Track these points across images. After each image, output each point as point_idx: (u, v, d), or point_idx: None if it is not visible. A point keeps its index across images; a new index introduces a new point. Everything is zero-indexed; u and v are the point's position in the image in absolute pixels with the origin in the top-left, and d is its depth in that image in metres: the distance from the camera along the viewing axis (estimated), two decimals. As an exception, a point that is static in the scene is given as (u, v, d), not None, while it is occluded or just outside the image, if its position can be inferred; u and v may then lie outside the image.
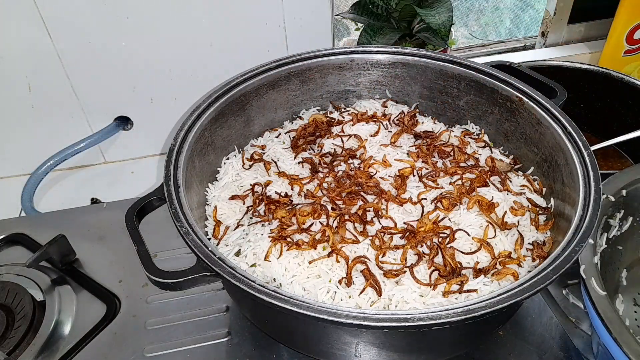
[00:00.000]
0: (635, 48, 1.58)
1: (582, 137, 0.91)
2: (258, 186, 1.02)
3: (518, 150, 1.08)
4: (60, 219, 1.27)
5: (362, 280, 0.84)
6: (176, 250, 1.14)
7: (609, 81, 1.35)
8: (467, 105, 1.14)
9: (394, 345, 0.81)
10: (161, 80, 1.42)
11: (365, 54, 1.16)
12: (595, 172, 0.85)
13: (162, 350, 0.98)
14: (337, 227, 0.91)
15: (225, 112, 1.06)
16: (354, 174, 1.01)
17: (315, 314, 0.68)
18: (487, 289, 0.82)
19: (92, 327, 1.02)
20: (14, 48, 1.28)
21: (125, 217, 0.87)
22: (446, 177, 1.01)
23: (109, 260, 1.15)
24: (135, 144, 1.53)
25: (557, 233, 0.92)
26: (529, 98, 1.01)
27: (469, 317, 0.67)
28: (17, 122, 1.41)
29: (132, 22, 1.30)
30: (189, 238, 0.79)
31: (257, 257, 0.88)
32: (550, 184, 0.99)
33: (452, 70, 1.11)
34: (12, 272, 1.11)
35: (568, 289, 1.04)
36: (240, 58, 1.42)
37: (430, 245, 0.89)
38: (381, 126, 1.14)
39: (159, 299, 1.07)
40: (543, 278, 0.71)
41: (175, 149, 0.93)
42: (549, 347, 0.95)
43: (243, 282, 0.72)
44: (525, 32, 1.89)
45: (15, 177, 1.50)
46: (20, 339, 0.98)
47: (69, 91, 1.38)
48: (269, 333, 0.94)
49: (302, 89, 1.18)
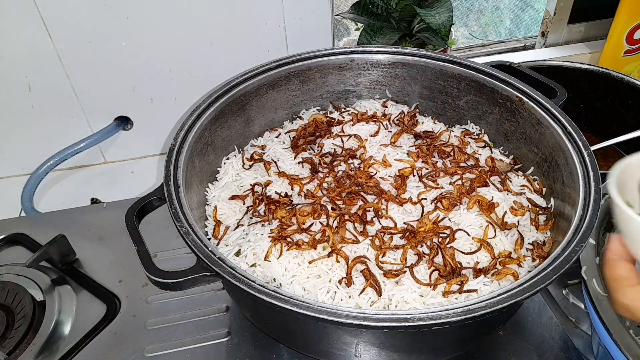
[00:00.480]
0: (635, 48, 1.58)
1: (582, 137, 0.91)
2: (258, 186, 1.02)
3: (518, 150, 1.08)
4: (60, 219, 1.27)
5: (362, 280, 0.84)
6: (176, 250, 1.14)
7: (609, 81, 1.35)
8: (467, 105, 1.14)
9: (394, 345, 0.81)
10: (161, 80, 1.42)
11: (365, 54, 1.16)
12: (595, 172, 0.85)
13: (162, 350, 0.98)
14: (337, 227, 0.91)
15: (225, 112, 1.06)
16: (354, 174, 1.01)
17: (315, 314, 0.68)
18: (487, 289, 0.82)
19: (92, 327, 1.02)
20: (14, 48, 1.28)
21: (125, 217, 0.87)
22: (446, 177, 1.01)
23: (109, 260, 1.15)
24: (135, 144, 1.53)
25: (557, 233, 0.92)
26: (529, 98, 1.01)
27: (469, 317, 0.67)
28: (17, 122, 1.40)
29: (132, 22, 1.30)
30: (189, 238, 0.79)
31: (257, 257, 0.88)
32: (550, 184, 0.99)
33: (452, 70, 1.11)
34: (12, 272, 1.11)
35: (568, 289, 1.04)
36: (240, 58, 1.41)
37: (430, 245, 0.89)
38: (381, 126, 1.14)
39: (159, 299, 1.07)
40: (543, 278, 0.71)
41: (175, 149, 0.93)
42: (549, 347, 0.95)
43: (243, 282, 0.72)
44: (525, 32, 1.89)
45: (15, 177, 1.50)
46: (20, 339, 0.98)
47: (69, 91, 1.38)
48: (269, 333, 0.94)
49: (302, 89, 1.18)
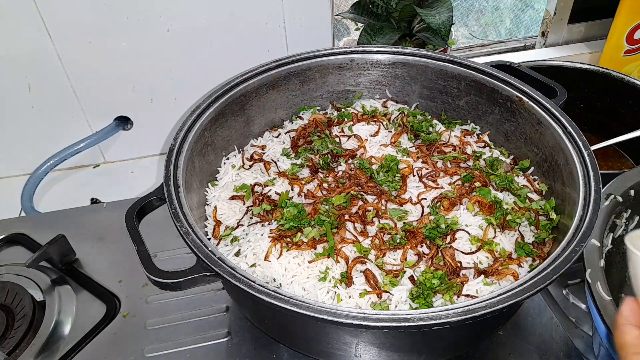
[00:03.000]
0: (635, 48, 1.58)
1: (582, 137, 0.91)
2: (258, 186, 1.02)
3: (518, 150, 1.08)
4: (60, 219, 1.27)
5: (362, 280, 0.83)
6: (176, 250, 1.14)
7: (609, 81, 1.35)
8: (467, 105, 1.14)
9: (394, 345, 0.80)
10: (161, 80, 1.42)
11: (365, 54, 1.16)
12: (595, 172, 0.85)
13: (162, 350, 0.98)
14: (337, 227, 0.91)
15: (225, 112, 1.06)
16: (354, 174, 1.01)
17: (315, 314, 0.68)
18: (487, 289, 0.82)
19: (92, 327, 1.02)
20: (14, 48, 1.28)
21: (125, 217, 0.87)
22: (446, 177, 1.01)
23: (109, 260, 1.15)
24: (135, 144, 1.54)
25: (557, 233, 0.92)
26: (529, 98, 1.01)
27: (469, 317, 0.67)
28: (17, 122, 1.41)
29: (132, 22, 1.30)
30: (189, 238, 0.79)
31: (257, 257, 0.88)
32: (550, 184, 0.99)
33: (452, 70, 1.11)
34: (12, 272, 1.11)
35: (568, 289, 1.04)
36: (240, 58, 1.41)
37: (430, 245, 0.88)
38: (381, 126, 1.14)
39: (159, 299, 1.07)
40: (543, 278, 0.71)
41: (175, 149, 0.93)
42: (549, 347, 0.95)
43: (243, 282, 0.72)
44: (525, 32, 1.89)
45: (15, 177, 1.50)
46: (20, 339, 0.98)
47: (69, 91, 1.38)
48: (269, 333, 0.94)
49: (302, 89, 1.18)
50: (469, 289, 0.82)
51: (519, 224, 0.93)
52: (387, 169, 1.01)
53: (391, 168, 1.01)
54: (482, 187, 0.98)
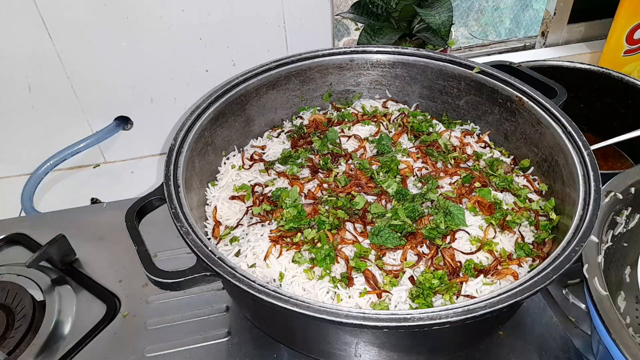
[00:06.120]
0: (635, 48, 1.58)
1: (582, 137, 0.91)
2: (258, 186, 1.02)
3: (518, 150, 1.08)
4: (60, 219, 1.27)
5: (362, 281, 0.84)
6: (176, 250, 1.14)
7: (609, 81, 1.35)
8: (467, 105, 1.14)
9: (394, 345, 0.81)
10: (161, 80, 1.42)
11: (365, 54, 1.16)
12: (595, 172, 0.85)
13: (162, 350, 0.98)
14: (337, 228, 0.91)
15: (225, 112, 1.06)
16: (354, 174, 1.01)
17: (315, 314, 0.68)
18: (487, 289, 0.82)
19: (92, 327, 1.02)
20: (14, 48, 1.28)
21: (125, 217, 0.87)
22: (446, 177, 1.01)
23: (109, 260, 1.15)
24: (135, 144, 1.54)
25: (557, 233, 0.92)
26: (529, 98, 1.01)
27: (469, 317, 0.67)
28: (17, 122, 1.40)
29: (132, 22, 1.30)
30: (189, 238, 0.79)
31: (256, 257, 0.88)
32: (550, 184, 0.99)
33: (452, 70, 1.11)
34: (12, 272, 1.11)
35: (568, 289, 1.04)
36: (240, 58, 1.42)
37: (429, 245, 0.88)
38: (381, 126, 1.14)
39: (159, 299, 1.07)
40: (543, 278, 0.71)
41: (175, 149, 0.93)
42: (549, 347, 0.95)
43: (243, 282, 0.72)
44: (525, 32, 1.89)
45: (15, 177, 1.50)
46: (20, 339, 0.98)
47: (69, 91, 1.38)
48: (269, 333, 0.94)
49: (302, 89, 1.18)
50: (469, 289, 0.82)
51: (519, 224, 0.93)
52: (387, 169, 1.01)
53: (391, 168, 1.01)
54: (482, 187, 0.98)
